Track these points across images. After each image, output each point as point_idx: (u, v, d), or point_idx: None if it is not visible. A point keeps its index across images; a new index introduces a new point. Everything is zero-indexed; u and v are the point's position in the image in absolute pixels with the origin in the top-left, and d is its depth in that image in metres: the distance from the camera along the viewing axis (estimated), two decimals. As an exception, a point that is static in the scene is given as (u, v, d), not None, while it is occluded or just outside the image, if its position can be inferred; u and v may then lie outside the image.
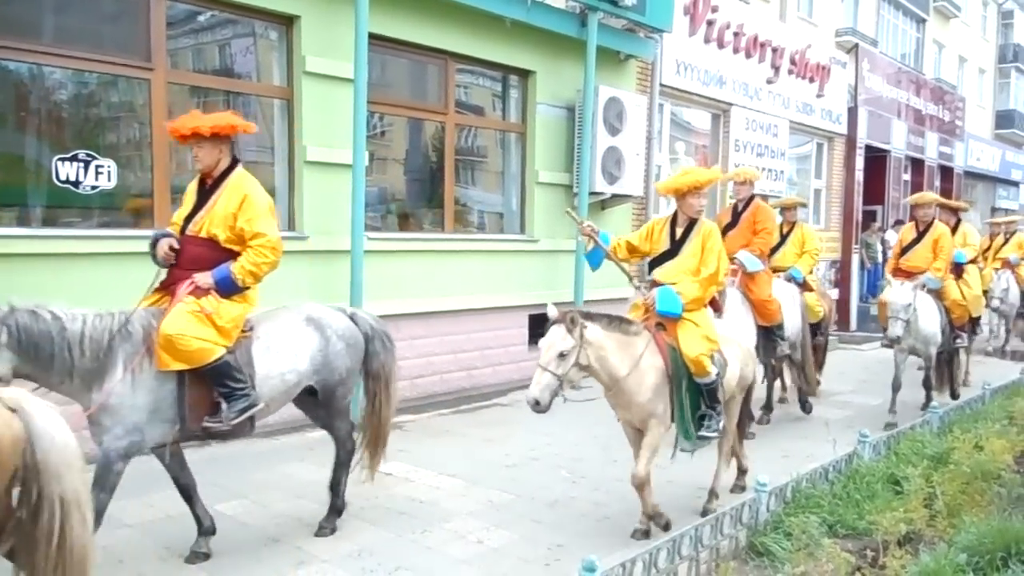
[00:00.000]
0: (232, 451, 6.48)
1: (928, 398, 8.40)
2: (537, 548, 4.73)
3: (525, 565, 4.49)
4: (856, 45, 17.39)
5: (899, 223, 17.64)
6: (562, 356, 4.45)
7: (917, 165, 20.55)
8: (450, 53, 8.95)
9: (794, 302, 8.02)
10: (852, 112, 17.19)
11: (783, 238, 8.81)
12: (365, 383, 5.04)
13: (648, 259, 5.69)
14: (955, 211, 10.23)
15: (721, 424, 5.08)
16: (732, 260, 7.11)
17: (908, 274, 8.25)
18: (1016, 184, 29.09)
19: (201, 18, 7.31)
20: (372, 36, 7.57)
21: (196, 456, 5.85)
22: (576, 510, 5.40)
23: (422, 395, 8.51)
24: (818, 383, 9.40)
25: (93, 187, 6.36)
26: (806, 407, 8.41)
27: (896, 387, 8.19)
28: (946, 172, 22.48)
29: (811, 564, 3.76)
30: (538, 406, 4.40)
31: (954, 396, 8.95)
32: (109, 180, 6.44)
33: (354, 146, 7.43)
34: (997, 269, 12.71)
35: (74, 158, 6.25)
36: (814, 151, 16.91)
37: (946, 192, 22.29)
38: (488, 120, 9.98)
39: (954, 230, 9.68)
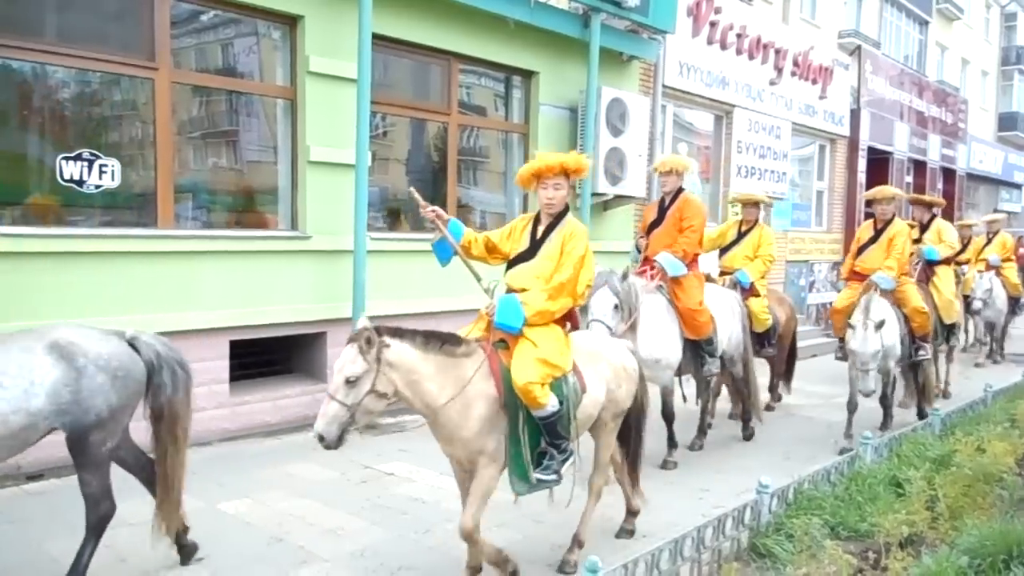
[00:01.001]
0: (235, 450, 6.50)
1: (886, 417, 7.59)
2: (540, 548, 4.74)
3: (528, 565, 4.49)
4: (859, 47, 17.38)
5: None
6: (351, 383, 3.64)
7: (919, 167, 20.55)
8: (453, 53, 8.95)
9: (732, 311, 7.19)
10: (855, 114, 17.19)
11: (739, 237, 8.22)
12: (152, 424, 4.23)
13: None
14: (929, 207, 9.66)
15: (565, 466, 4.22)
16: (652, 263, 6.61)
17: (863, 277, 7.43)
18: (1019, 186, 29.07)
19: (204, 17, 7.32)
20: (375, 36, 7.58)
21: (200, 456, 5.88)
22: (579, 510, 5.39)
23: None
24: (777, 399, 8.84)
25: (97, 186, 6.36)
26: (747, 430, 7.47)
27: (852, 407, 7.25)
28: (948, 174, 22.47)
29: (813, 566, 3.76)
30: (323, 441, 3.64)
31: (921, 415, 7.83)
32: (113, 179, 6.45)
33: (357, 146, 7.44)
34: (980, 272, 11.98)
35: (78, 157, 6.26)
36: (816, 153, 16.90)
37: (948, 195, 22.32)
38: (491, 121, 9.98)
39: (927, 227, 9.36)
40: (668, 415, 6.59)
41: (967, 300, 11.30)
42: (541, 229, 4.37)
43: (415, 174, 9.43)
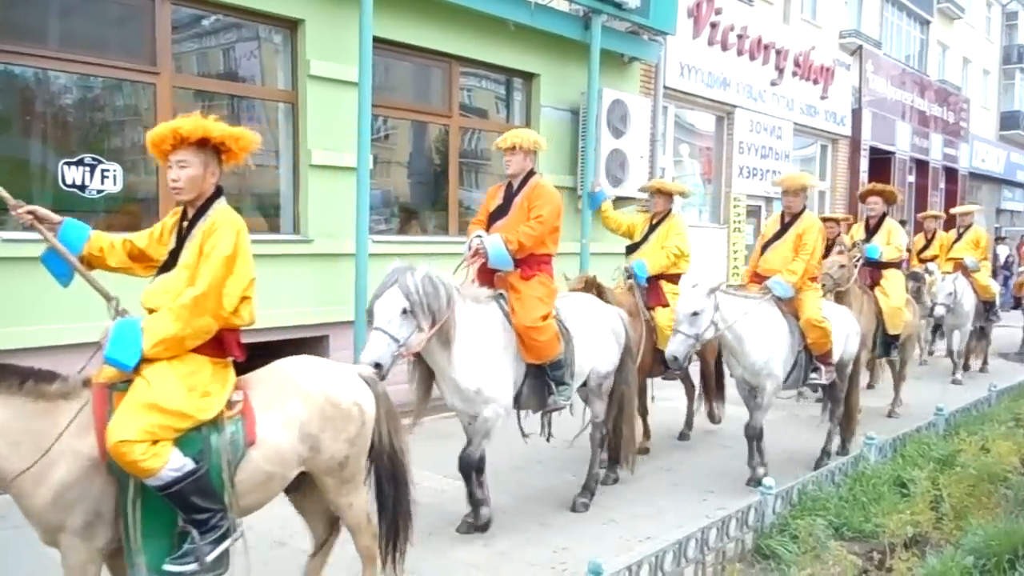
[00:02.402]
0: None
1: (752, 459, 6.07)
2: (543, 551, 4.72)
3: (531, 568, 4.49)
4: (860, 47, 17.40)
5: (902, 223, 17.64)
6: None
7: (921, 167, 20.55)
8: (454, 56, 8.96)
9: (605, 325, 5.58)
10: (856, 114, 17.20)
11: (650, 230, 6.97)
12: None
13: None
14: (888, 200, 8.50)
15: (220, 548, 3.18)
16: (480, 254, 5.09)
17: (764, 279, 6.28)
18: (1021, 185, 29.03)
19: (206, 22, 7.33)
20: (376, 39, 7.59)
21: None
22: (582, 513, 5.39)
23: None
24: (717, 421, 7.37)
25: (99, 191, 6.38)
26: (611, 475, 6.04)
27: (751, 434, 6.05)
28: (950, 174, 22.46)
29: (817, 567, 3.76)
30: None
31: (843, 449, 6.83)
32: (115, 184, 6.46)
33: (358, 149, 7.45)
34: (948, 272, 10.55)
35: (80, 162, 6.27)
36: (818, 153, 16.92)
37: (951, 194, 22.30)
38: (492, 123, 9.98)
39: (878, 225, 8.30)
40: (470, 466, 4.94)
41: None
42: (185, 225, 3.37)
43: (416, 177, 9.44)
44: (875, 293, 8.07)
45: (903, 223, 17.59)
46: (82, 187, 6.27)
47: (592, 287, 6.15)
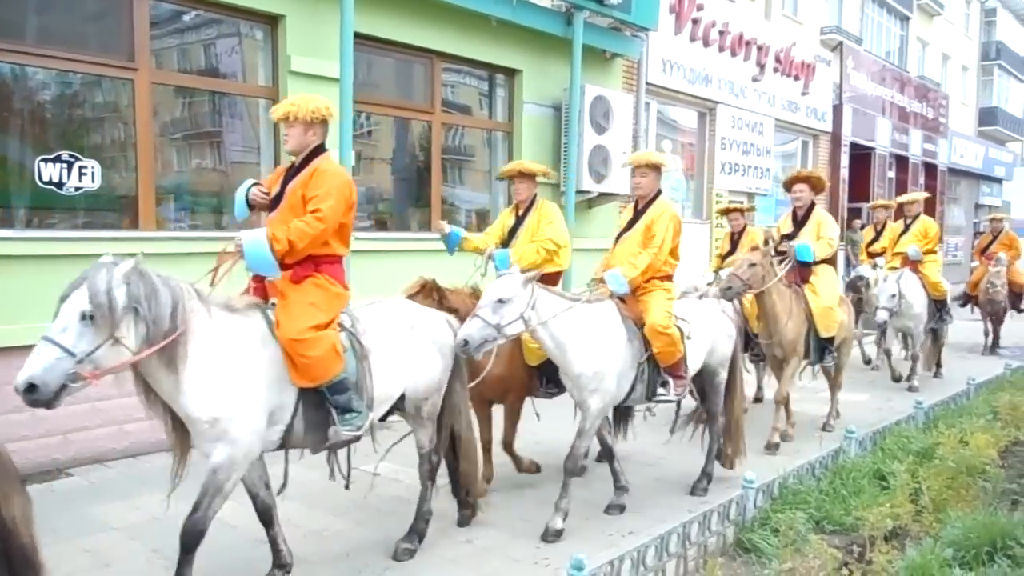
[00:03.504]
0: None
1: (562, 499, 4.93)
2: (526, 547, 4.73)
3: (514, 564, 4.49)
4: (841, 43, 17.50)
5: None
6: None
7: (901, 162, 20.71)
8: (436, 52, 8.94)
9: (422, 336, 4.49)
10: (837, 110, 17.32)
11: (518, 223, 5.92)
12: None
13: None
14: (815, 188, 7.45)
15: None
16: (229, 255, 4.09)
17: None
18: (999, 181, 29.33)
19: (185, 18, 7.27)
20: (357, 35, 7.56)
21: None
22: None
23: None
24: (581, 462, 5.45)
25: (77, 188, 6.32)
26: (464, 513, 5.07)
27: (569, 467, 4.97)
28: (930, 169, 22.66)
29: (798, 560, 3.78)
30: None
31: (728, 466, 5.89)
32: (93, 181, 6.40)
33: (340, 146, 7.41)
34: (894, 268, 9.48)
35: (57, 159, 6.21)
36: (799, 149, 17.01)
37: (931, 189, 22.48)
38: (475, 119, 9.97)
39: (807, 217, 7.37)
40: (191, 539, 3.72)
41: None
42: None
43: (399, 173, 9.42)
44: (805, 291, 7.10)
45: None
46: (59, 184, 6.20)
47: (431, 291, 5.20)
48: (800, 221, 7.41)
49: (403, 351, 4.35)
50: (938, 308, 9.88)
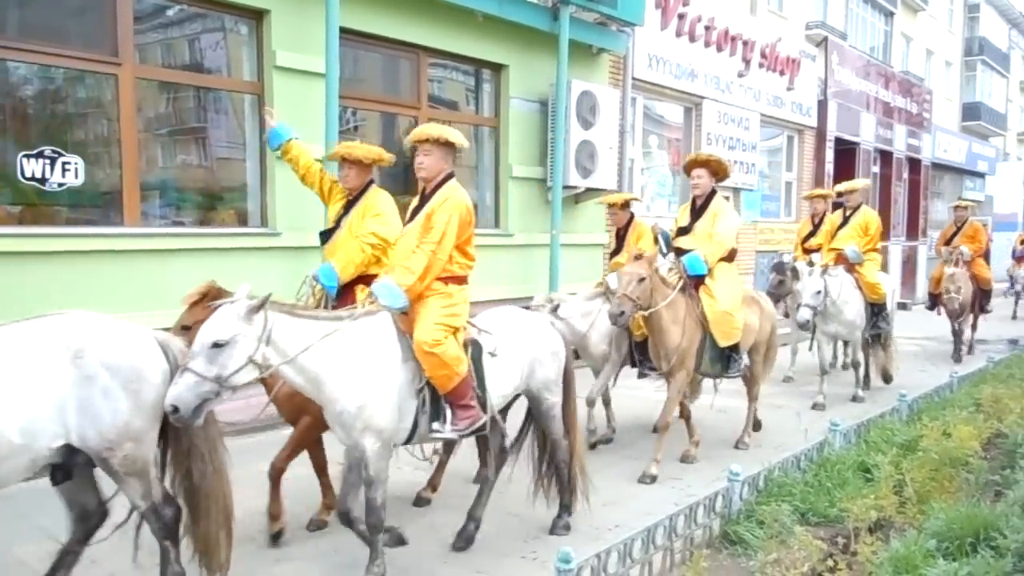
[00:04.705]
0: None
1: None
2: (513, 541, 4.74)
3: (502, 558, 4.51)
4: (825, 38, 17.56)
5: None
6: None
7: (886, 157, 20.82)
8: (422, 47, 8.92)
9: (89, 366, 3.34)
10: (822, 105, 17.39)
11: (345, 213, 4.96)
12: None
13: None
14: (717, 174, 6.34)
15: None
16: None
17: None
18: (982, 175, 29.55)
19: (170, 12, 7.23)
20: (343, 30, 7.53)
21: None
22: (551, 503, 5.41)
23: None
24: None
25: (60, 184, 6.28)
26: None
27: (372, 524, 4.08)
28: (914, 164, 22.79)
29: (783, 551, 3.81)
30: None
31: (564, 513, 4.96)
32: (76, 177, 6.36)
33: (326, 141, 7.39)
34: (826, 266, 8.18)
35: (40, 155, 6.17)
36: (785, 144, 17.08)
37: (914, 184, 22.65)
38: (461, 114, 9.96)
39: (705, 205, 6.30)
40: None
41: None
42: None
43: (386, 169, 9.33)
44: (700, 295, 6.11)
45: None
46: (42, 180, 6.17)
47: (216, 298, 3.96)
48: (698, 211, 6.38)
49: (19, 387, 3.18)
50: (875, 312, 8.66)
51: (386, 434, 3.99)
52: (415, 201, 4.47)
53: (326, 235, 5.00)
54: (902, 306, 10.34)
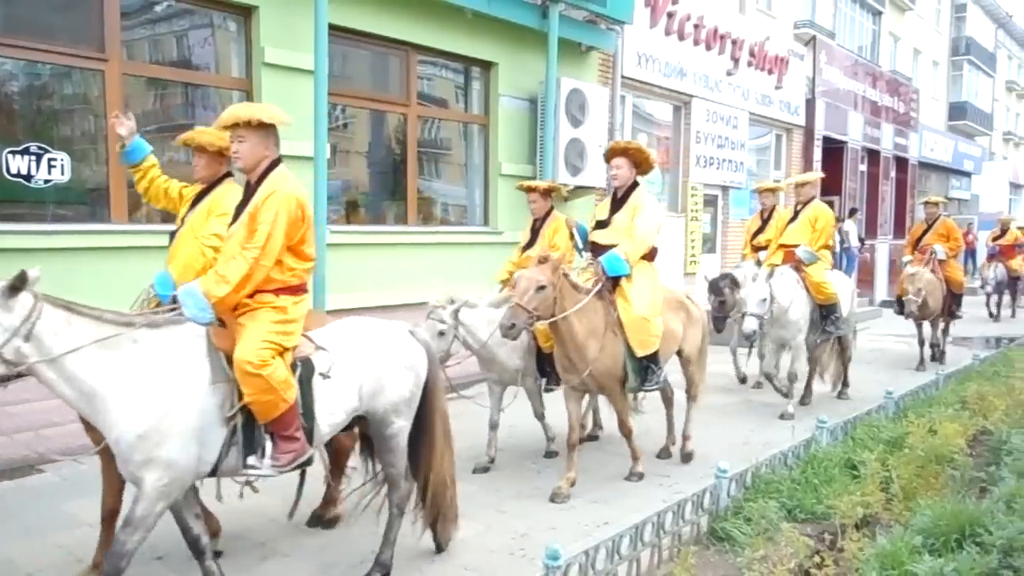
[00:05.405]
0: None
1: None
2: (502, 538, 4.75)
3: (490, 555, 4.51)
4: (814, 37, 17.64)
5: (854, 211, 17.94)
6: None
7: (873, 156, 20.94)
8: (411, 44, 8.91)
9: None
10: (810, 104, 17.46)
11: (190, 210, 4.42)
12: None
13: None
14: (638, 164, 5.72)
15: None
16: None
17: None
18: (968, 175, 29.76)
19: (157, 8, 7.19)
20: (332, 27, 7.51)
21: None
22: (540, 500, 5.42)
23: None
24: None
25: (46, 181, 6.24)
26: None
27: (107, 571, 3.35)
28: (901, 163, 22.94)
29: (771, 548, 3.83)
30: None
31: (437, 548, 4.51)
32: (63, 173, 6.32)
33: (315, 138, 7.37)
34: (775, 264, 7.81)
35: (25, 151, 6.12)
36: (773, 142, 17.14)
37: (901, 183, 22.78)
38: (451, 112, 9.95)
39: (626, 196, 5.73)
40: None
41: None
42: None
43: (375, 166, 9.38)
44: (615, 299, 5.51)
45: (854, 211, 18.01)
46: (28, 177, 6.12)
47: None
48: (617, 203, 5.79)
49: None
50: (825, 315, 7.97)
51: (176, 469, 3.29)
52: (239, 197, 3.87)
53: (174, 236, 4.35)
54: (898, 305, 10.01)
